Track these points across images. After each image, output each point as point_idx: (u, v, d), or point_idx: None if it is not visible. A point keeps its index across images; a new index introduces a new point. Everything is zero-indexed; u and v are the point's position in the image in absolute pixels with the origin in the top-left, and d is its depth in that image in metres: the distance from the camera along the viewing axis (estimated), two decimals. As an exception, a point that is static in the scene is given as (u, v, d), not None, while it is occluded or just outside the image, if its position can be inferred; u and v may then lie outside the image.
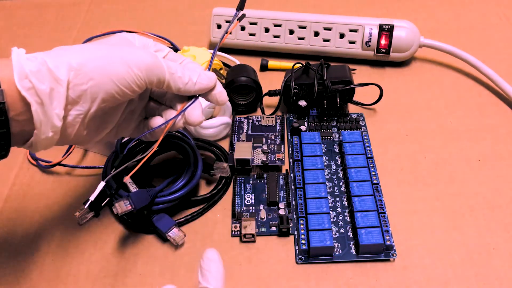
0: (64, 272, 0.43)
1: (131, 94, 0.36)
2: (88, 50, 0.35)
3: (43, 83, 0.32)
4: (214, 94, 0.40)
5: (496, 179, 0.49)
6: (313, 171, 0.48)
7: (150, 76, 0.36)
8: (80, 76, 0.34)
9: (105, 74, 0.35)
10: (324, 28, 0.61)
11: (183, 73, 0.38)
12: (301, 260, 0.43)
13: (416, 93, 0.59)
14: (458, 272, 0.42)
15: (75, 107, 0.35)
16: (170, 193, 0.45)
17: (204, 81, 0.39)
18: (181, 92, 0.39)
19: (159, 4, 0.76)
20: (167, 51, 0.41)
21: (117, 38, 0.39)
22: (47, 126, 0.33)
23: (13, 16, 0.76)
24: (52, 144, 0.35)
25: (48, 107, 0.33)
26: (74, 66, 0.34)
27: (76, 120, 0.35)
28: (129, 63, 0.35)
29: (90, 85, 0.34)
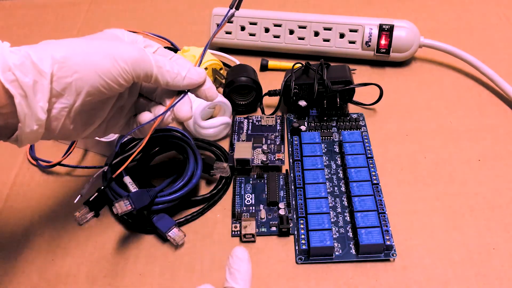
0: (64, 272, 0.43)
1: (118, 88, 0.36)
2: (73, 43, 0.35)
3: (26, 75, 0.32)
4: (203, 90, 0.40)
5: (496, 179, 0.49)
6: (313, 171, 0.48)
7: (137, 70, 0.36)
8: (64, 69, 0.34)
9: (90, 67, 0.34)
10: (324, 28, 0.61)
11: (172, 67, 0.38)
12: (301, 260, 0.43)
13: (416, 93, 0.59)
14: (458, 272, 0.42)
15: (59, 100, 0.35)
16: (170, 193, 0.45)
17: (193, 76, 0.39)
18: (169, 86, 0.39)
19: (159, 4, 0.76)
20: (157, 47, 0.41)
21: (105, 34, 0.39)
22: (31, 119, 0.33)
23: (13, 16, 0.76)
24: (38, 138, 0.35)
25: (32, 100, 0.33)
26: (58, 58, 0.34)
27: (61, 113, 0.35)
28: (114, 56, 0.35)
29: (75, 78, 0.34)
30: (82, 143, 0.54)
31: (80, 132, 0.38)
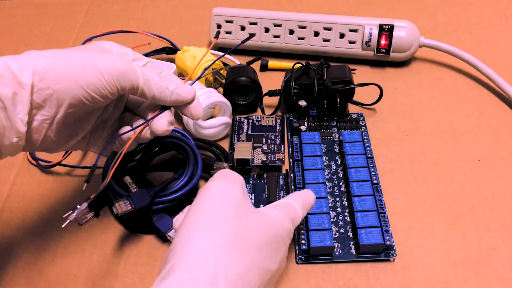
0: (64, 272, 0.43)
1: (102, 101, 0.35)
2: (55, 54, 0.34)
3: (5, 87, 0.32)
4: (189, 108, 0.39)
5: (496, 179, 0.49)
6: (313, 171, 0.48)
7: (122, 82, 0.35)
8: (45, 80, 0.33)
9: (72, 78, 0.33)
10: (324, 28, 0.61)
11: (160, 81, 0.37)
12: (301, 260, 0.43)
13: (416, 93, 0.59)
14: (458, 272, 0.42)
15: (40, 112, 0.34)
16: (170, 193, 0.45)
17: (182, 93, 0.38)
18: (156, 100, 0.37)
19: (159, 4, 0.76)
20: (146, 61, 0.40)
21: (92, 46, 0.38)
22: (11, 132, 0.33)
23: (13, 16, 0.76)
24: (18, 150, 0.35)
25: (11, 112, 0.32)
26: (39, 69, 0.33)
27: (43, 125, 0.34)
28: (99, 68, 0.34)
29: (56, 90, 0.33)
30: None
31: (62, 145, 0.37)
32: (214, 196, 0.34)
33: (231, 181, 0.35)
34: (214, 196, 0.34)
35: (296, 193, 0.40)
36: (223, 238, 0.31)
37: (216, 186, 0.35)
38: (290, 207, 0.37)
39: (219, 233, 0.31)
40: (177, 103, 0.38)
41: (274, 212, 0.36)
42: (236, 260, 0.30)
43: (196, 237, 0.31)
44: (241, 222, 0.32)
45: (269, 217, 0.35)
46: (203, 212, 0.33)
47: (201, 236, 0.31)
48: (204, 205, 0.33)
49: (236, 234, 0.31)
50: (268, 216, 0.35)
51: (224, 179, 0.35)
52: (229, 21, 0.63)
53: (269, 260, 0.33)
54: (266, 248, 0.33)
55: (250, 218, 0.33)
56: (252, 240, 0.32)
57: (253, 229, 0.33)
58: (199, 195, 0.34)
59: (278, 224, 0.35)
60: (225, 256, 0.30)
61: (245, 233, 0.32)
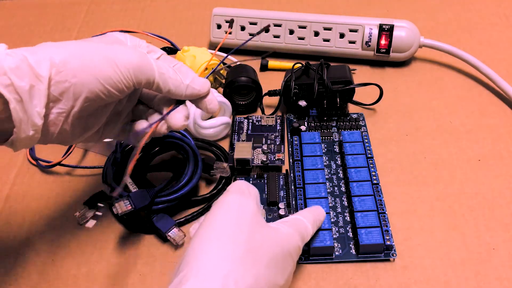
0: (64, 272, 0.43)
1: (118, 94, 0.35)
2: (72, 46, 0.34)
3: (22, 79, 0.31)
4: (205, 101, 0.39)
5: (496, 179, 0.49)
6: (313, 171, 0.48)
7: (138, 76, 0.35)
8: (62, 73, 0.33)
9: (90, 72, 0.33)
10: (324, 28, 0.61)
11: (175, 75, 0.37)
12: (301, 260, 0.43)
13: (416, 93, 0.59)
14: (458, 272, 0.42)
15: (57, 105, 0.34)
16: (170, 193, 0.45)
17: (197, 86, 0.38)
18: (171, 94, 0.37)
19: (159, 4, 0.76)
20: (160, 53, 0.40)
21: (108, 38, 0.38)
22: (27, 125, 0.32)
23: (13, 16, 0.76)
24: (34, 142, 0.34)
25: (28, 105, 0.32)
26: (56, 62, 0.33)
27: (59, 118, 0.34)
28: (116, 62, 0.34)
29: (73, 83, 0.33)
30: (82, 143, 0.54)
31: (77, 137, 0.37)
32: (229, 210, 0.35)
33: (246, 195, 0.36)
34: (229, 209, 0.35)
35: (306, 210, 0.41)
36: (235, 251, 0.31)
37: (232, 199, 0.35)
38: (301, 223, 0.38)
39: (232, 246, 0.32)
40: (192, 97, 0.38)
41: (285, 228, 0.37)
42: (246, 273, 0.31)
43: (209, 249, 0.31)
44: (253, 237, 0.33)
45: (279, 232, 0.36)
46: (217, 224, 0.33)
47: (214, 248, 0.31)
48: (219, 217, 0.34)
49: (248, 248, 0.32)
50: (279, 232, 0.36)
51: (240, 193, 0.36)
52: (229, 21, 0.63)
53: (277, 275, 0.33)
54: (275, 263, 0.33)
55: (262, 233, 0.34)
56: (263, 255, 0.33)
57: (264, 244, 0.33)
58: (215, 207, 0.35)
59: (288, 240, 0.36)
60: (236, 269, 0.31)
61: (257, 247, 0.33)
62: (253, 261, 0.32)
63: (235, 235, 0.32)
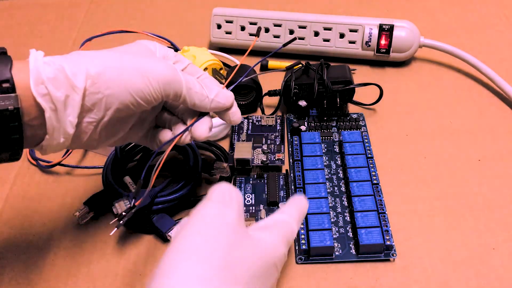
0: (64, 272, 0.43)
1: (146, 106, 0.36)
2: (107, 58, 0.35)
3: (59, 90, 0.32)
4: (229, 114, 0.40)
5: (496, 179, 0.49)
6: (313, 171, 0.48)
7: (167, 90, 0.36)
8: (97, 85, 0.33)
9: (123, 84, 0.34)
10: (324, 28, 0.61)
11: (201, 89, 0.38)
12: (301, 260, 0.43)
13: (416, 93, 0.59)
14: (458, 272, 0.42)
15: (88, 115, 0.34)
16: (170, 193, 0.45)
17: (221, 100, 0.39)
18: (195, 107, 0.38)
19: (159, 4, 0.76)
20: (187, 64, 0.40)
21: (138, 47, 0.38)
22: (59, 133, 0.33)
23: (13, 16, 0.76)
24: (63, 148, 0.35)
25: (62, 114, 0.33)
26: (92, 74, 0.33)
27: (89, 127, 0.35)
28: (148, 75, 0.35)
29: (106, 94, 0.34)
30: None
31: (103, 143, 0.38)
32: (206, 223, 0.31)
33: (227, 203, 0.32)
34: (206, 222, 0.31)
35: (290, 204, 0.37)
36: (209, 269, 0.28)
37: (210, 210, 0.32)
38: (286, 227, 0.35)
39: (206, 263, 0.28)
40: (216, 110, 0.39)
41: (269, 237, 0.34)
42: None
43: (179, 268, 0.28)
44: (232, 252, 0.30)
45: (263, 244, 0.33)
46: (191, 239, 0.30)
47: (184, 267, 0.28)
48: (193, 230, 0.30)
49: (226, 264, 0.29)
50: (262, 244, 0.33)
51: (220, 202, 0.33)
52: (229, 21, 0.63)
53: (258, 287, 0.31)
54: (257, 278, 0.31)
55: (243, 246, 0.31)
56: (243, 271, 0.30)
57: (244, 259, 0.31)
58: (192, 218, 0.32)
59: (272, 251, 0.33)
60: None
61: (235, 264, 0.30)
62: (232, 278, 0.29)
63: (211, 251, 0.29)
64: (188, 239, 0.30)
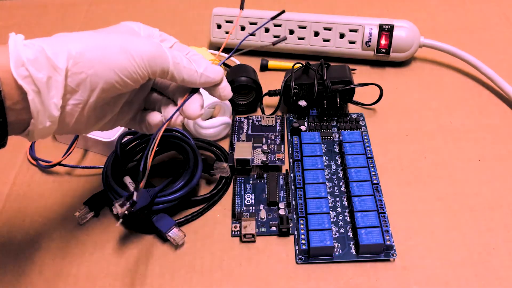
0: (64, 272, 0.43)
1: (133, 85, 0.35)
2: (89, 38, 0.34)
3: (40, 71, 0.32)
4: (218, 89, 0.39)
5: (496, 179, 0.49)
6: (313, 171, 0.48)
7: (153, 66, 0.35)
8: (79, 65, 0.33)
9: (106, 63, 0.34)
10: (324, 28, 0.61)
11: (189, 64, 0.37)
12: (301, 260, 0.43)
13: (416, 93, 0.59)
14: (458, 272, 0.42)
15: (74, 97, 0.34)
16: (170, 193, 0.45)
17: (211, 74, 0.38)
18: (185, 83, 0.38)
19: (159, 4, 0.76)
20: (174, 42, 0.40)
21: (121, 27, 0.38)
22: (44, 116, 0.33)
23: (13, 16, 0.76)
24: (50, 133, 0.35)
25: (46, 96, 0.32)
26: (73, 54, 0.33)
27: (75, 109, 0.34)
28: (131, 52, 0.34)
29: (90, 74, 0.33)
30: (82, 143, 0.54)
31: (91, 126, 0.37)
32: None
33: None
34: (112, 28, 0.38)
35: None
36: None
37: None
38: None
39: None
40: (206, 85, 0.39)
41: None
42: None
43: None
44: None
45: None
46: None
47: None
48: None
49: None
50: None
51: None
52: (229, 21, 0.63)
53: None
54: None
55: None
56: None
57: None
58: None
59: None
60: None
61: None
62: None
63: None
64: None
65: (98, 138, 0.52)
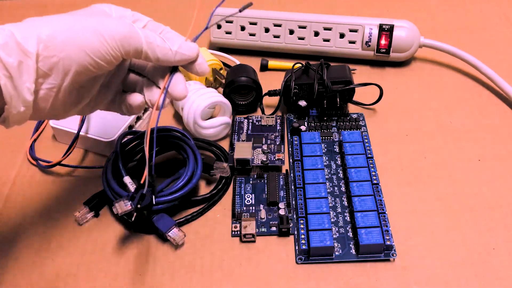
0: (64, 272, 0.43)
1: (107, 66, 0.35)
2: (59, 20, 0.34)
3: (10, 56, 0.31)
4: (195, 66, 0.39)
5: (496, 179, 0.49)
6: (313, 171, 0.48)
7: (126, 47, 0.35)
8: (50, 48, 0.33)
9: (77, 45, 0.34)
10: (324, 28, 0.61)
11: (163, 42, 0.37)
12: (301, 260, 0.43)
13: (416, 93, 0.59)
14: (458, 272, 0.42)
15: (47, 81, 0.34)
16: (170, 193, 0.45)
17: (186, 52, 0.38)
18: (160, 62, 0.37)
19: (159, 4, 0.76)
20: (147, 21, 0.40)
21: (93, 9, 0.38)
22: (18, 101, 0.33)
23: (13, 16, 0.76)
24: (26, 119, 0.35)
25: (18, 81, 0.32)
26: (43, 37, 0.33)
27: (49, 94, 0.34)
28: (102, 33, 0.34)
29: (62, 57, 0.33)
30: (82, 143, 0.54)
31: (68, 111, 0.37)
32: None
33: None
34: None
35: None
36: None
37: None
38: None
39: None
40: (181, 63, 0.39)
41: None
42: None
43: None
44: None
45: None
46: None
47: None
48: None
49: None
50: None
51: None
52: (229, 21, 0.63)
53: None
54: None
55: None
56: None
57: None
58: None
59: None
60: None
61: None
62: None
63: None
64: None
65: (98, 138, 0.52)
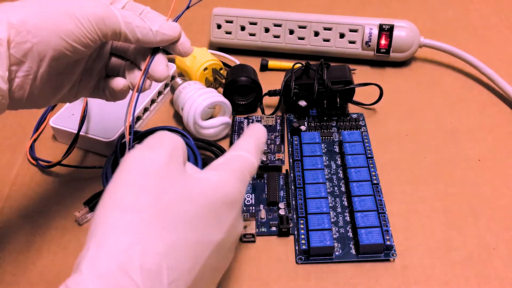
0: (64, 272, 0.43)
1: (84, 50, 0.34)
2: (30, 5, 0.33)
3: None
4: (177, 46, 0.38)
5: (496, 179, 0.49)
6: (313, 171, 0.48)
7: (102, 28, 0.34)
8: (22, 34, 0.31)
9: (51, 29, 0.32)
10: (324, 28, 0.61)
11: (142, 22, 0.36)
12: (301, 260, 0.43)
13: (416, 93, 0.59)
14: (458, 272, 0.42)
15: (21, 68, 0.33)
16: (170, 193, 0.45)
17: (167, 31, 0.37)
18: (141, 43, 0.36)
19: (159, 4, 0.76)
20: (125, 2, 0.39)
21: None
22: None
23: (13, 16, 0.76)
24: (3, 109, 0.33)
25: None
26: (14, 23, 0.31)
27: (26, 81, 0.33)
28: (76, 15, 0.32)
29: (35, 43, 0.32)
30: (82, 143, 0.54)
31: (49, 99, 0.36)
32: (129, 170, 0.29)
33: (155, 148, 0.31)
34: (129, 169, 0.29)
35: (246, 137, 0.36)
36: (138, 217, 0.27)
37: (132, 158, 0.30)
38: (239, 160, 0.33)
39: (133, 213, 0.27)
40: (163, 43, 0.37)
41: (215, 175, 0.32)
42: (156, 240, 0.26)
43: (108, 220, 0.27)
44: (164, 196, 0.28)
45: (205, 182, 0.30)
46: (116, 190, 0.28)
47: (113, 219, 0.27)
48: (118, 182, 0.29)
49: (158, 210, 0.27)
50: (203, 182, 0.30)
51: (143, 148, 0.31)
52: (229, 21, 0.63)
53: (208, 230, 0.29)
54: (202, 218, 0.29)
55: (176, 188, 0.29)
56: (180, 213, 0.28)
57: (181, 200, 0.28)
58: (116, 170, 0.30)
59: (218, 188, 0.31)
60: (142, 238, 0.26)
61: (170, 206, 0.28)
62: (167, 223, 0.27)
63: (137, 200, 0.27)
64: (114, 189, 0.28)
65: (98, 138, 0.52)
